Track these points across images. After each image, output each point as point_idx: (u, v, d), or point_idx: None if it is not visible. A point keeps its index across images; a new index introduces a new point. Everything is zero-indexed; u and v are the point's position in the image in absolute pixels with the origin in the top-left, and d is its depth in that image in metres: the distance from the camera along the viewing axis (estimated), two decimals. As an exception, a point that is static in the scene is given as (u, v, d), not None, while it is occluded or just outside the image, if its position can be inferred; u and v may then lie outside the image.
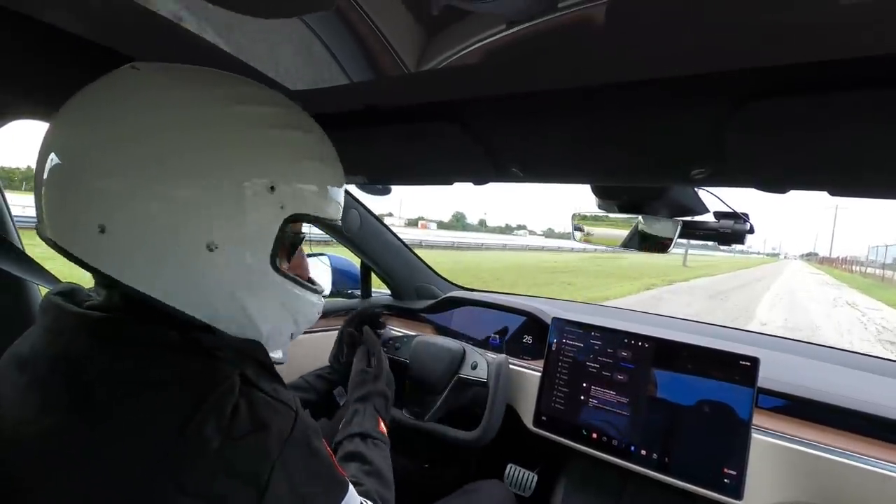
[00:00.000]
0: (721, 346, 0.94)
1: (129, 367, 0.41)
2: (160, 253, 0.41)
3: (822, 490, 0.80)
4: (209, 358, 0.43)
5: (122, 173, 0.40)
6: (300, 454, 0.44)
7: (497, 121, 0.66)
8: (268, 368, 0.49)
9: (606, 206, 0.91)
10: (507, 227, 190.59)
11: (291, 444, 0.43)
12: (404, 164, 0.93)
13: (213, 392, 0.40)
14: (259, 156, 0.45)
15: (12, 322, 0.81)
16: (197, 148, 0.41)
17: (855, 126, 0.45)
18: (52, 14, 0.59)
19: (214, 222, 0.42)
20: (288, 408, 0.45)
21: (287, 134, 0.47)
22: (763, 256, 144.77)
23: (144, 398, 0.39)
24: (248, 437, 0.40)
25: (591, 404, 1.03)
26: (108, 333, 0.42)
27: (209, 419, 0.39)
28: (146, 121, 0.41)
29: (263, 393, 0.44)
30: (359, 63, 0.57)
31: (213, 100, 0.44)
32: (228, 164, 0.43)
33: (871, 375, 1.00)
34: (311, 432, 0.46)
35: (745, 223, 0.78)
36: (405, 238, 1.59)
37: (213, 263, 0.43)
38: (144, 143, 0.41)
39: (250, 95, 0.47)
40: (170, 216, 0.41)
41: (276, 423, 0.42)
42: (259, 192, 0.44)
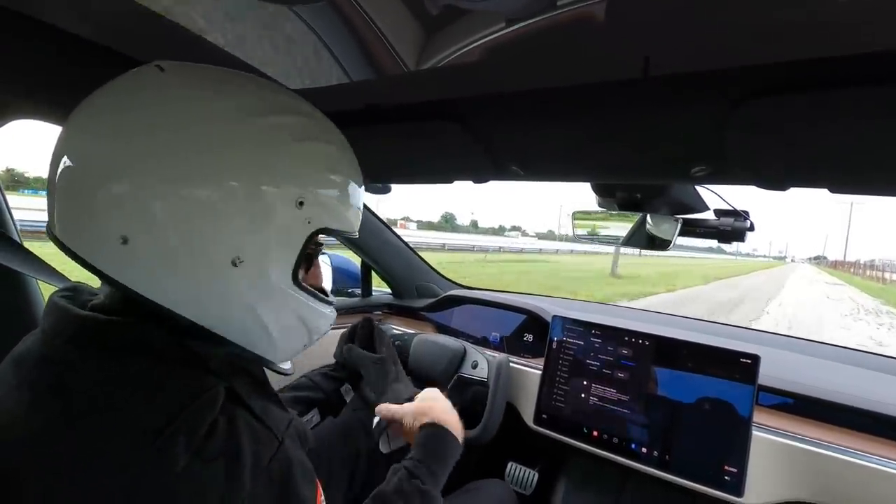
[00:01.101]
0: (721, 343, 0.94)
1: (113, 374, 0.39)
2: (184, 267, 0.41)
3: (823, 487, 0.80)
4: (197, 369, 0.42)
5: (148, 184, 0.39)
6: (274, 493, 0.40)
7: (497, 119, 0.66)
8: (261, 384, 0.47)
9: (606, 204, 0.91)
10: (501, 229, 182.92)
11: (266, 476, 0.39)
12: (404, 162, 0.93)
13: (190, 405, 0.38)
14: (288, 171, 0.44)
15: (13, 322, 0.82)
16: (226, 162, 0.41)
17: (854, 123, 0.45)
18: (53, 14, 0.59)
19: (241, 238, 0.42)
20: (272, 435, 0.42)
21: (314, 147, 0.46)
22: (770, 260, 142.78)
23: (121, 406, 0.38)
24: (219, 461, 0.37)
25: (592, 402, 1.04)
26: (98, 338, 0.41)
27: (180, 434, 0.37)
28: (174, 133, 0.40)
29: (250, 413, 0.42)
30: (359, 62, 0.57)
31: (243, 111, 0.43)
32: (256, 180, 0.42)
33: (872, 372, 1.00)
34: (296, 468, 0.42)
35: (745, 220, 0.78)
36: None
37: (237, 278, 0.43)
38: (172, 156, 0.39)
39: (278, 104, 0.45)
40: (196, 230, 0.40)
41: (253, 450, 0.39)
42: (288, 208, 0.44)
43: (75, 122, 0.41)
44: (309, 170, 0.46)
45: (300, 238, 0.45)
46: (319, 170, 0.47)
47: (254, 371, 0.47)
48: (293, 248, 0.45)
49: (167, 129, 0.40)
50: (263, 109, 0.44)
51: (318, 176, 0.46)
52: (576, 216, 0.98)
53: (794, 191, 0.63)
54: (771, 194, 11.78)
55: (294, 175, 0.44)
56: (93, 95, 0.42)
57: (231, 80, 0.45)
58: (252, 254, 0.43)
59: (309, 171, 0.46)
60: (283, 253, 0.45)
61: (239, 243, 0.42)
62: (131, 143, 0.39)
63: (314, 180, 0.46)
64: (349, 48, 0.55)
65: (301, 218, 0.45)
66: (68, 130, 0.41)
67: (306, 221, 0.45)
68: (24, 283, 0.83)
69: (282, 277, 0.46)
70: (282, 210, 0.43)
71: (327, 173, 0.47)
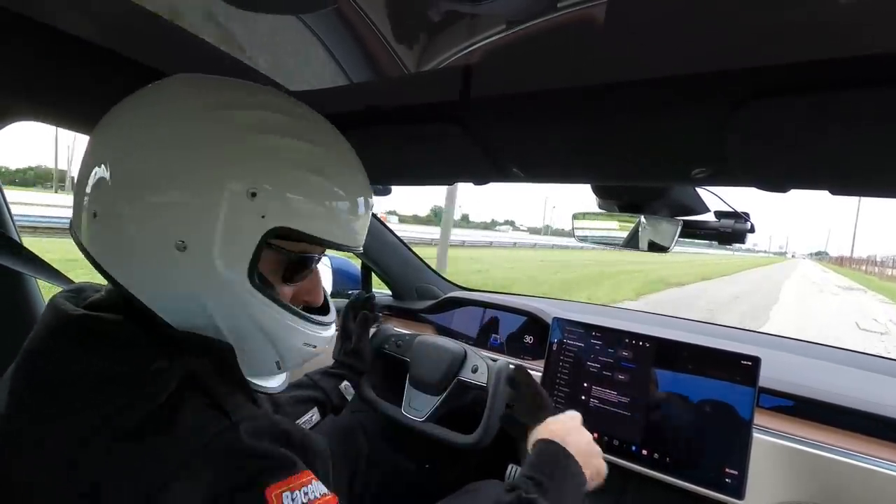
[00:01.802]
0: (722, 345, 0.94)
1: (81, 364, 0.40)
2: (133, 243, 0.43)
3: (824, 490, 0.80)
4: (161, 356, 0.41)
5: (110, 165, 0.43)
6: (210, 475, 0.36)
7: (497, 121, 0.66)
8: (229, 371, 0.45)
9: (607, 206, 0.91)
10: (493, 223, 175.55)
11: (202, 456, 0.36)
12: (404, 164, 0.93)
13: (144, 387, 0.39)
14: (237, 159, 0.43)
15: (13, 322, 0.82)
16: (173, 147, 0.43)
17: (855, 125, 0.45)
18: (54, 16, 0.59)
19: (185, 221, 0.42)
20: (221, 417, 0.39)
21: (279, 141, 0.45)
22: (770, 255, 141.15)
23: (78, 398, 0.39)
24: (153, 437, 0.37)
25: (592, 404, 1.03)
26: (73, 332, 0.43)
27: (132, 414, 0.37)
28: (137, 123, 0.45)
29: (206, 396, 0.40)
30: (359, 63, 0.57)
31: (204, 105, 0.45)
32: (202, 166, 0.43)
33: (873, 375, 1.00)
34: (246, 459, 0.38)
35: (746, 222, 0.78)
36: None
37: (182, 263, 0.43)
38: (127, 139, 0.44)
39: (246, 101, 0.46)
40: (145, 209, 0.42)
41: (192, 428, 0.38)
42: (235, 197, 0.42)
43: (94, 130, 0.48)
44: (267, 162, 0.44)
45: (253, 233, 0.44)
46: (283, 165, 0.45)
47: (223, 356, 0.45)
48: (244, 241, 0.43)
49: (141, 126, 0.44)
50: (224, 103, 0.45)
51: (279, 170, 0.44)
52: (576, 217, 0.98)
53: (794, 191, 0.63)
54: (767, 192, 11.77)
55: (245, 164, 0.43)
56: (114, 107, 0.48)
57: (203, 80, 0.48)
58: (197, 240, 0.42)
59: (267, 162, 0.44)
60: (232, 245, 0.43)
61: (182, 226, 0.42)
62: (102, 134, 0.46)
63: (272, 173, 0.44)
64: (350, 50, 0.55)
65: (252, 211, 0.43)
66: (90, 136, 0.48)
67: (259, 215, 0.43)
68: (23, 282, 0.83)
69: (233, 273, 0.44)
70: (229, 199, 0.42)
71: (294, 169, 0.45)
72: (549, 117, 0.62)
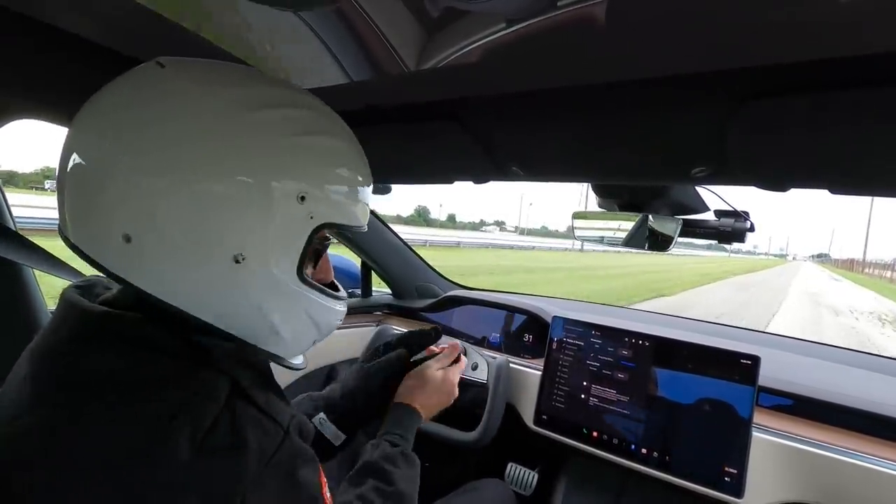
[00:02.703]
0: (721, 344, 0.94)
1: (116, 368, 0.39)
2: (186, 264, 0.40)
3: (823, 488, 0.80)
4: (201, 364, 0.42)
5: (146, 182, 0.39)
6: (280, 482, 0.40)
7: (497, 120, 0.66)
8: (265, 377, 0.47)
9: (607, 205, 0.91)
10: (482, 223, 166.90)
11: (272, 467, 0.39)
12: (405, 163, 0.93)
13: (193, 399, 0.38)
14: (289, 164, 0.43)
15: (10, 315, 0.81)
16: (224, 157, 0.40)
17: (855, 124, 0.45)
18: (53, 14, 0.59)
19: (241, 235, 0.41)
20: (277, 426, 0.42)
21: (317, 140, 0.45)
22: (770, 257, 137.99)
23: (124, 401, 0.38)
24: (224, 454, 0.37)
25: (592, 403, 1.04)
26: (102, 331, 0.41)
27: (184, 428, 0.37)
28: (173, 127, 0.40)
29: (254, 405, 0.42)
30: (359, 62, 0.57)
31: (242, 104, 0.42)
32: (257, 174, 0.41)
33: (873, 374, 1.00)
34: (301, 459, 0.43)
35: (746, 221, 0.78)
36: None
37: (241, 276, 0.42)
38: (171, 151, 0.39)
39: (280, 98, 0.45)
40: (196, 227, 0.40)
41: (258, 441, 0.39)
42: (289, 203, 0.43)
43: (79, 122, 0.42)
44: (311, 164, 0.45)
45: (303, 234, 0.45)
46: (322, 164, 0.46)
47: (258, 364, 0.47)
48: (296, 244, 0.45)
49: (163, 126, 0.39)
50: (262, 103, 0.43)
51: (320, 170, 0.45)
52: (576, 216, 0.98)
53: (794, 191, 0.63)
54: (767, 191, 11.13)
55: (294, 169, 0.43)
56: (96, 95, 0.42)
57: (232, 74, 0.45)
58: (254, 251, 0.42)
59: (311, 165, 0.45)
60: (286, 249, 0.44)
61: (240, 240, 0.41)
62: (130, 140, 0.39)
63: (316, 174, 0.45)
64: (349, 48, 0.55)
65: (303, 213, 0.44)
66: (73, 130, 0.42)
67: (308, 216, 0.44)
68: (21, 276, 0.83)
69: (287, 274, 0.45)
70: (282, 205, 0.42)
71: (331, 167, 0.47)
72: (549, 116, 0.62)
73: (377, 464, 0.62)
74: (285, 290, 0.46)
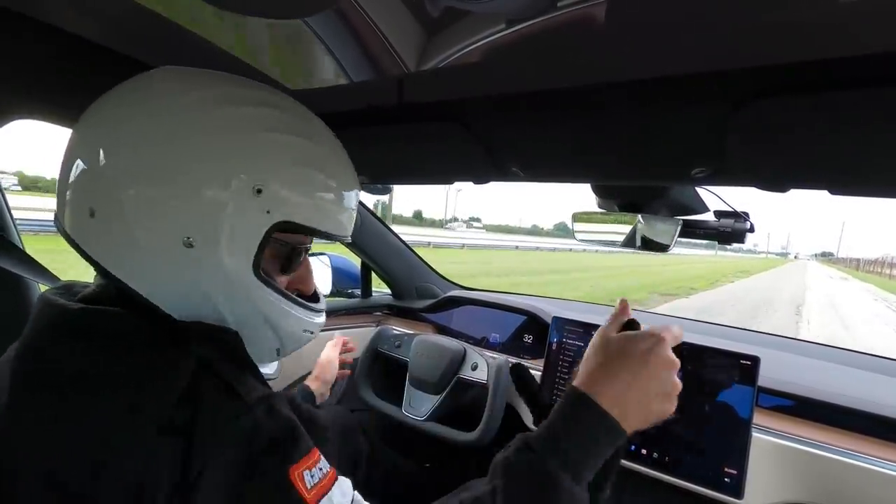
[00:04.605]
0: (721, 345, 0.94)
1: (85, 362, 0.40)
2: (139, 241, 0.42)
3: (823, 489, 0.80)
4: (171, 346, 0.42)
5: (112, 161, 0.42)
6: (237, 457, 0.38)
7: (497, 120, 0.66)
8: (236, 354, 0.45)
9: (606, 206, 0.91)
10: (454, 219, 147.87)
11: (227, 442, 0.38)
12: (404, 163, 0.93)
13: (159, 377, 0.39)
14: (247, 157, 0.44)
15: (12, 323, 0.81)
16: (180, 143, 0.42)
17: (855, 125, 0.45)
18: (53, 15, 0.59)
19: (193, 218, 0.42)
20: (239, 400, 0.40)
21: (281, 138, 0.46)
22: (770, 257, 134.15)
23: (97, 387, 0.39)
24: (182, 429, 0.38)
25: (592, 403, 1.03)
26: (75, 327, 0.42)
27: (149, 406, 0.38)
28: (140, 118, 0.43)
29: (218, 379, 0.41)
30: (359, 63, 0.57)
31: (204, 98, 0.44)
32: (211, 162, 0.42)
33: (872, 374, 1.00)
34: (266, 438, 0.40)
35: (745, 222, 0.78)
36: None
37: (189, 260, 0.43)
38: (130, 135, 0.42)
39: (247, 97, 0.46)
40: (150, 206, 0.42)
41: (215, 415, 0.39)
42: (242, 193, 0.43)
43: (79, 121, 0.46)
44: (272, 158, 0.45)
45: (259, 228, 0.45)
46: (283, 160, 0.46)
47: (229, 341, 0.45)
48: (250, 237, 0.45)
49: (132, 117, 0.43)
50: (229, 98, 0.45)
51: (280, 166, 0.45)
52: (576, 217, 0.98)
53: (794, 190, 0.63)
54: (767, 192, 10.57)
55: (253, 162, 0.44)
56: (98, 99, 0.46)
57: (205, 75, 0.47)
58: (204, 236, 0.43)
59: (272, 159, 0.45)
60: (238, 241, 0.44)
61: (190, 223, 0.42)
62: (104, 130, 0.44)
63: (275, 170, 0.45)
64: (350, 49, 0.55)
65: (258, 207, 0.44)
66: (74, 127, 0.46)
67: (264, 211, 0.44)
68: (24, 284, 0.83)
69: (239, 268, 0.45)
70: (235, 195, 0.43)
71: (294, 165, 0.46)
72: (549, 116, 0.62)
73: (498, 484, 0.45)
74: (237, 285, 0.45)
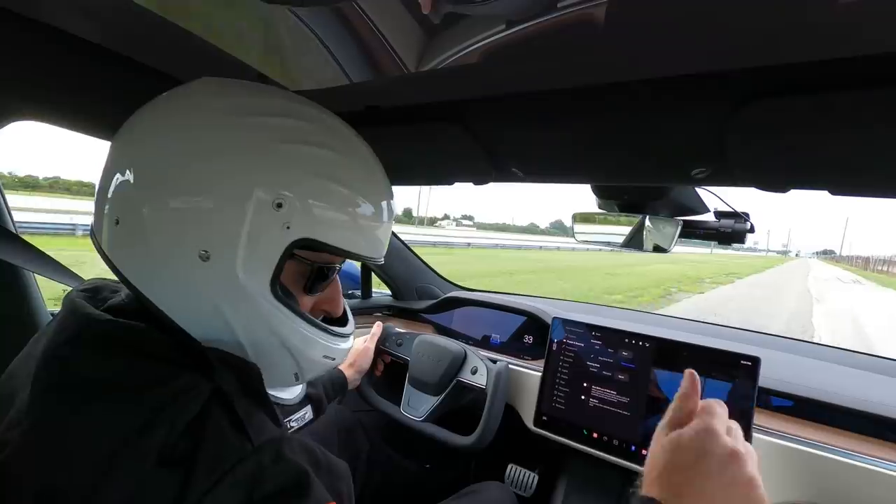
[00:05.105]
0: (722, 345, 0.94)
1: (107, 373, 0.39)
2: (155, 252, 0.42)
3: (825, 490, 0.80)
4: (188, 368, 0.40)
5: (133, 170, 0.42)
6: (241, 499, 0.35)
7: (497, 121, 0.66)
8: (252, 388, 0.43)
9: (606, 206, 0.91)
10: (446, 217, 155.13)
11: (226, 484, 0.35)
12: (404, 164, 0.93)
13: (172, 402, 0.37)
14: (268, 169, 0.42)
15: (11, 321, 0.81)
16: (199, 154, 0.42)
17: (855, 125, 0.45)
18: (53, 16, 0.59)
19: (208, 230, 0.41)
20: (245, 440, 0.38)
21: (304, 149, 0.44)
22: (772, 255, 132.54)
23: (111, 403, 0.37)
24: (179, 462, 0.35)
25: (592, 404, 1.03)
26: (96, 337, 0.41)
27: (157, 436, 0.35)
28: (155, 126, 0.44)
29: (229, 413, 0.39)
30: (359, 63, 0.57)
31: (224, 108, 0.44)
32: (229, 174, 0.41)
33: (872, 374, 1.00)
34: (276, 482, 0.37)
35: (746, 222, 0.78)
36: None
37: (205, 274, 0.41)
38: (151, 144, 0.43)
39: (268, 107, 0.45)
40: (166, 216, 0.41)
41: (215, 453, 0.36)
42: (261, 207, 0.41)
43: (115, 136, 0.47)
44: (294, 172, 0.43)
45: (279, 244, 0.43)
46: (308, 174, 0.44)
47: (246, 371, 0.43)
48: (268, 252, 0.43)
49: (156, 131, 0.44)
50: (250, 109, 0.44)
51: (304, 179, 0.43)
52: (576, 218, 0.98)
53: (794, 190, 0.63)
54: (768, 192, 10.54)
55: (274, 175, 0.42)
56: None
57: (226, 84, 0.47)
58: (220, 250, 0.41)
59: (294, 173, 0.43)
60: (256, 257, 0.42)
61: (206, 236, 0.41)
62: (134, 144, 0.45)
63: (297, 183, 0.43)
64: (349, 50, 0.55)
65: (278, 221, 0.42)
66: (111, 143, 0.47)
67: (284, 226, 0.42)
68: (24, 284, 0.83)
69: (256, 284, 0.43)
70: (255, 209, 0.41)
71: (321, 179, 0.44)
72: (550, 117, 0.62)
73: None
74: (252, 301, 0.43)
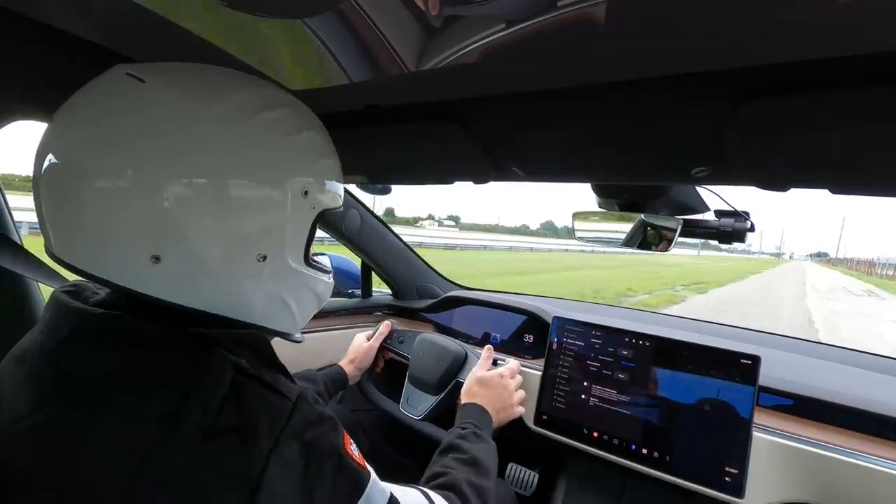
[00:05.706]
0: (722, 344, 0.94)
1: (120, 364, 0.40)
2: (216, 274, 0.43)
3: (824, 488, 0.80)
4: (203, 352, 0.42)
5: (171, 204, 0.39)
6: (299, 449, 0.41)
7: (497, 120, 0.66)
8: (268, 358, 0.49)
9: (607, 205, 0.91)
10: (429, 217, 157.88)
11: (287, 436, 0.41)
12: (404, 163, 0.93)
13: (200, 385, 0.39)
14: (289, 165, 0.46)
15: (13, 322, 0.81)
16: (235, 169, 0.42)
17: (855, 124, 0.45)
18: (53, 15, 0.59)
19: (261, 237, 0.45)
20: (284, 398, 0.43)
21: (304, 137, 0.48)
22: (765, 257, 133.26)
23: (132, 394, 0.38)
24: (233, 433, 0.38)
25: (592, 403, 1.04)
26: (103, 330, 0.41)
27: (193, 413, 0.38)
28: (181, 146, 0.39)
29: (259, 383, 0.42)
30: (359, 63, 0.57)
31: (240, 112, 0.43)
32: (265, 181, 0.44)
33: (872, 373, 1.00)
34: (317, 423, 0.44)
35: (746, 221, 0.78)
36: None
37: (264, 272, 0.46)
38: (178, 173, 0.39)
39: (265, 100, 0.46)
40: (221, 239, 0.42)
41: (267, 414, 0.41)
42: (297, 199, 0.47)
43: (58, 137, 0.41)
44: (306, 160, 0.48)
45: (308, 223, 0.49)
46: (312, 158, 0.49)
47: (261, 347, 0.49)
48: (304, 234, 0.49)
49: (171, 146, 0.39)
50: (254, 108, 0.44)
51: (313, 164, 0.49)
52: (576, 217, 0.98)
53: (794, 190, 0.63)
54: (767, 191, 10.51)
55: (295, 168, 0.47)
56: (70, 109, 0.42)
57: (211, 80, 0.45)
58: (274, 249, 0.46)
59: (306, 161, 0.48)
60: (297, 241, 0.49)
61: (261, 242, 0.45)
62: (131, 153, 0.39)
63: (311, 169, 0.49)
64: (349, 49, 0.55)
65: (308, 206, 0.48)
66: (71, 156, 0.40)
67: (311, 208, 0.49)
68: (24, 283, 0.83)
69: (299, 263, 0.50)
70: (292, 203, 0.46)
71: (320, 159, 0.50)
72: (549, 116, 0.62)
73: (451, 441, 0.75)
74: (298, 276, 0.50)
